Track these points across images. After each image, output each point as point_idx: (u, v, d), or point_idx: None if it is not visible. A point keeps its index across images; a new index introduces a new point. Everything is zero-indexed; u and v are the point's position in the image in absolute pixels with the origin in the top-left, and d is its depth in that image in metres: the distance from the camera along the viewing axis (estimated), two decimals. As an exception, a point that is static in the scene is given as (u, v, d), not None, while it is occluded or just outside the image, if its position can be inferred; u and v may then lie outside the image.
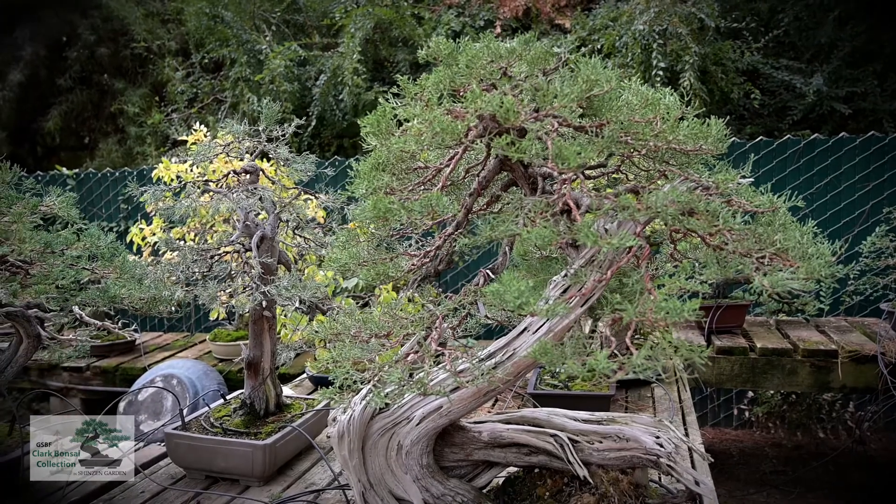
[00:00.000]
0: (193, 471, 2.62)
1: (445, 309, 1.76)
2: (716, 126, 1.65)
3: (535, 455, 1.95)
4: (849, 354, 4.28)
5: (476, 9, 8.16)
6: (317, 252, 3.18)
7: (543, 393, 3.17)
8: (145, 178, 6.78)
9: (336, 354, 1.76)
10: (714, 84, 6.87)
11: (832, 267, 1.46)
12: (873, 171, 5.47)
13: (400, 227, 1.83)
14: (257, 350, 2.78)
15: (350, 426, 1.94)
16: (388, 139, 1.72)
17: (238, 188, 2.79)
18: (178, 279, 3.05)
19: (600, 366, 1.30)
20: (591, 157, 1.54)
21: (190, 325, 6.80)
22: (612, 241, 1.39)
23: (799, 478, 5.05)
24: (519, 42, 1.69)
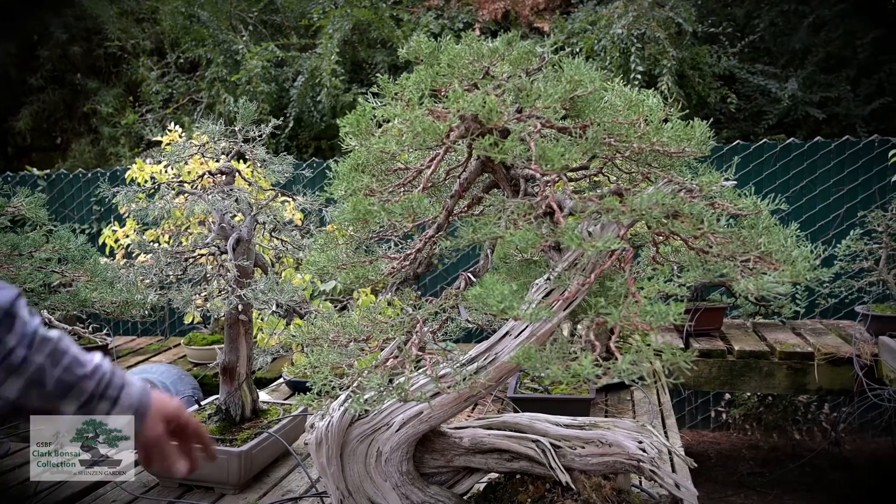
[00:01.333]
0: (166, 479, 2.56)
1: (426, 313, 1.73)
2: (699, 128, 1.64)
3: (516, 461, 1.92)
4: (825, 357, 4.31)
5: (455, 11, 8.15)
6: (294, 255, 3.13)
7: (524, 397, 3.15)
8: (118, 179, 6.67)
9: (314, 359, 1.72)
10: (691, 88, 6.91)
11: (816, 270, 1.45)
12: (848, 175, 5.53)
13: (380, 229, 1.80)
14: (233, 355, 2.72)
15: (328, 433, 1.90)
16: (367, 140, 1.68)
17: (213, 189, 2.74)
18: (151, 282, 2.98)
19: (585, 371, 1.27)
20: (574, 158, 1.51)
21: (164, 329, 6.70)
22: (597, 243, 1.37)
23: (776, 479, 5.08)
24: (501, 42, 1.67)
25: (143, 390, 1.19)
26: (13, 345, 1.05)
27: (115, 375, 1.16)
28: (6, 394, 1.05)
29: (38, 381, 1.07)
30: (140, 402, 1.17)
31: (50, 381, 1.08)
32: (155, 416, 1.20)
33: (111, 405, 1.14)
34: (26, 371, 1.06)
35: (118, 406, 1.15)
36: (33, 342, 1.07)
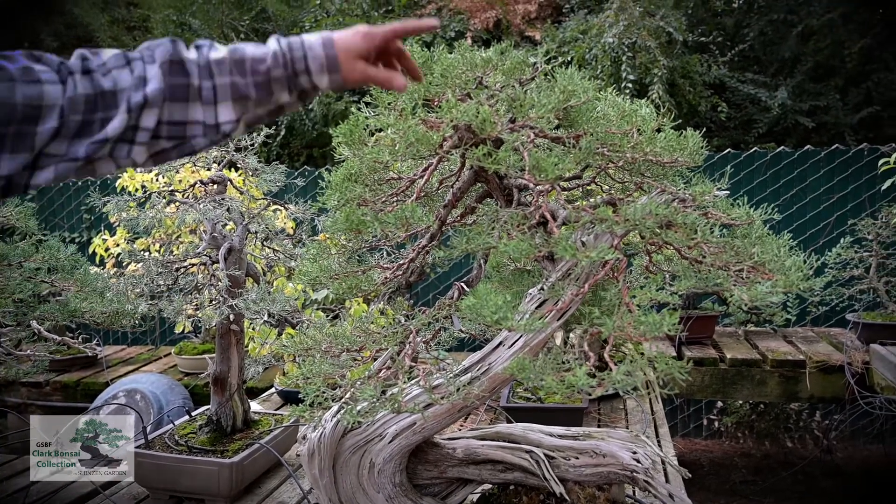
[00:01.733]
0: (157, 490, 2.54)
1: (419, 323, 1.72)
2: (692, 138, 1.64)
3: (510, 472, 1.91)
4: (816, 365, 4.32)
5: (447, 20, 8.16)
6: (286, 264, 3.12)
7: (517, 406, 3.14)
8: (109, 188, 6.63)
9: (306, 370, 1.71)
10: (682, 97, 6.94)
11: (809, 279, 1.45)
12: (837, 184, 5.57)
13: (372, 239, 1.79)
14: (224, 365, 2.70)
15: (320, 444, 1.89)
16: (360, 149, 1.68)
17: (205, 198, 2.73)
18: (142, 292, 2.96)
19: (580, 382, 1.27)
20: (568, 168, 1.51)
21: (154, 339, 6.65)
22: (591, 254, 1.36)
23: (769, 487, 5.08)
24: (494, 51, 1.67)
25: (325, 41, 1.14)
26: (199, 83, 1.07)
27: (292, 49, 1.12)
28: (224, 118, 1.09)
29: (243, 95, 1.09)
30: (327, 57, 1.13)
31: (251, 89, 1.09)
32: (347, 61, 1.15)
33: (308, 76, 1.12)
34: (226, 93, 1.08)
35: (314, 74, 1.12)
36: (212, 69, 1.08)
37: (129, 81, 1.04)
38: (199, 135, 1.09)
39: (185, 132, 1.08)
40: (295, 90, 1.13)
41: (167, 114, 1.06)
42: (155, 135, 1.06)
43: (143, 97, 1.03)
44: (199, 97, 1.07)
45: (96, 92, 1.02)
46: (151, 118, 1.04)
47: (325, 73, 1.12)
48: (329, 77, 1.13)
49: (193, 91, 1.07)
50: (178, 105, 1.06)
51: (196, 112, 1.07)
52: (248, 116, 1.11)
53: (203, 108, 1.08)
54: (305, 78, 1.12)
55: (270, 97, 1.11)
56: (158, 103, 1.04)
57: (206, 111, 1.08)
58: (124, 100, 1.03)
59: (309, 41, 1.12)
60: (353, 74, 1.15)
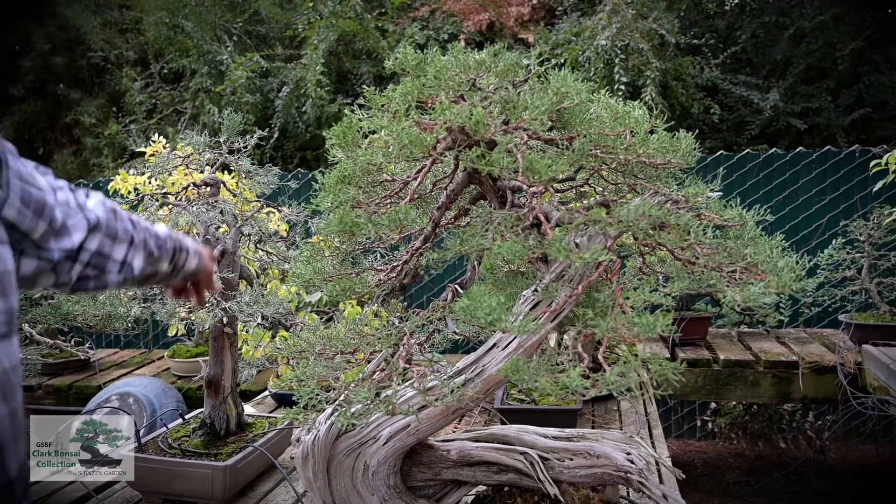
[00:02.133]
0: (150, 494, 2.53)
1: (413, 325, 1.72)
2: (685, 140, 1.65)
3: (504, 473, 1.91)
4: (809, 365, 4.34)
5: (440, 22, 8.17)
6: (279, 266, 3.11)
7: (511, 408, 3.14)
8: (102, 191, 6.60)
9: (300, 372, 1.71)
10: (675, 99, 6.97)
11: (802, 280, 1.46)
12: (829, 185, 5.59)
13: (366, 241, 1.79)
14: (218, 368, 2.70)
15: (314, 447, 1.88)
16: (354, 151, 1.68)
17: (198, 201, 2.72)
18: (134, 295, 2.95)
19: (574, 383, 1.27)
20: (561, 170, 1.51)
21: (147, 342, 6.63)
22: (585, 255, 1.37)
23: (762, 488, 5.09)
24: (488, 53, 1.67)
25: (192, 241, 1.53)
26: (130, 229, 1.28)
27: (177, 235, 1.46)
28: (136, 265, 1.29)
29: (149, 251, 1.34)
30: (196, 247, 1.53)
31: (154, 249, 1.35)
32: (205, 254, 1.58)
33: (186, 253, 1.47)
34: (141, 245, 1.31)
35: (189, 253, 1.49)
36: (135, 223, 1.32)
37: (84, 202, 1.19)
38: (115, 272, 1.25)
39: (105, 265, 1.23)
40: (171, 263, 1.43)
41: (101, 244, 1.21)
42: (89, 260, 1.20)
43: (96, 218, 1.19)
44: (125, 240, 1.27)
45: (69, 203, 1.16)
46: (95, 242, 1.19)
47: (196, 257, 1.52)
48: (196, 260, 1.53)
49: (122, 233, 1.26)
50: (108, 240, 1.23)
51: (119, 251, 1.26)
52: (145, 269, 1.34)
53: (126, 250, 1.27)
54: (184, 255, 1.47)
55: (159, 262, 1.39)
56: (102, 230, 1.21)
57: (128, 253, 1.27)
58: (84, 216, 1.17)
59: (186, 239, 1.50)
60: (209, 264, 1.60)
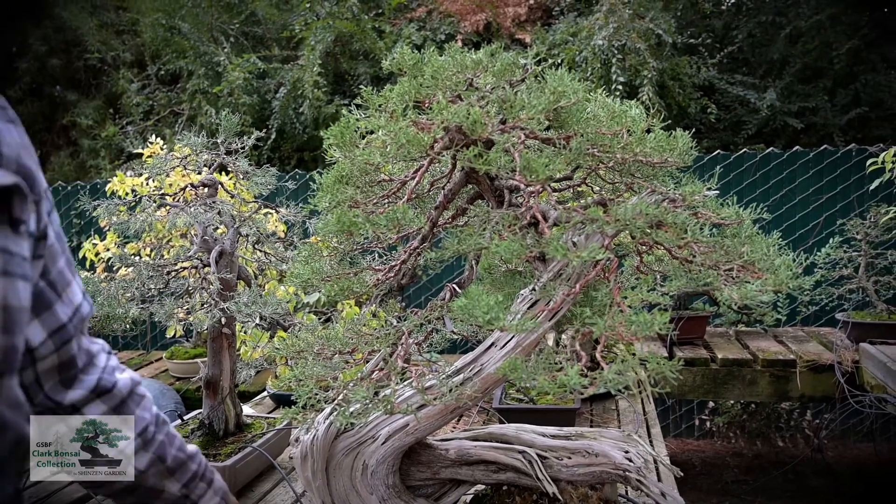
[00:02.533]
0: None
1: (411, 325, 1.73)
2: (682, 139, 1.65)
3: (503, 472, 1.91)
4: (807, 364, 4.35)
5: (437, 23, 8.18)
6: (277, 267, 3.11)
7: (509, 407, 3.14)
8: (99, 192, 6.61)
9: (299, 372, 1.71)
10: (672, 98, 6.98)
11: (798, 278, 1.47)
12: (826, 184, 5.60)
13: (364, 241, 1.79)
14: (216, 368, 2.70)
15: (313, 446, 1.88)
16: (351, 151, 1.68)
17: (196, 202, 2.72)
18: (132, 296, 2.95)
19: (572, 381, 1.27)
20: (558, 169, 1.52)
21: (146, 343, 6.63)
22: (582, 254, 1.37)
23: (760, 487, 5.10)
24: (485, 53, 1.67)
25: (224, 483, 1.36)
26: (148, 420, 1.17)
27: (208, 463, 1.31)
28: (137, 464, 1.15)
29: (161, 456, 1.19)
30: (224, 489, 1.34)
31: (168, 458, 1.20)
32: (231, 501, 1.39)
33: (207, 486, 1.29)
34: (153, 445, 1.17)
35: (212, 488, 1.30)
36: (158, 420, 1.19)
37: (112, 365, 1.17)
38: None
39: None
40: (185, 487, 1.24)
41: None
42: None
43: (111, 385, 1.14)
44: (143, 432, 1.17)
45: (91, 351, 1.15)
46: (95, 410, 1.12)
47: (219, 497, 1.32)
48: (218, 501, 1.32)
49: (141, 423, 1.17)
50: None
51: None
52: (145, 475, 1.18)
53: (139, 441, 1.17)
54: (204, 486, 1.28)
55: (170, 477, 1.21)
56: (109, 403, 1.14)
57: (139, 444, 1.17)
58: (98, 378, 1.13)
59: (217, 475, 1.36)
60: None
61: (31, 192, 0.86)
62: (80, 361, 1.07)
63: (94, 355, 1.12)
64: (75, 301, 1.04)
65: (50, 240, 0.98)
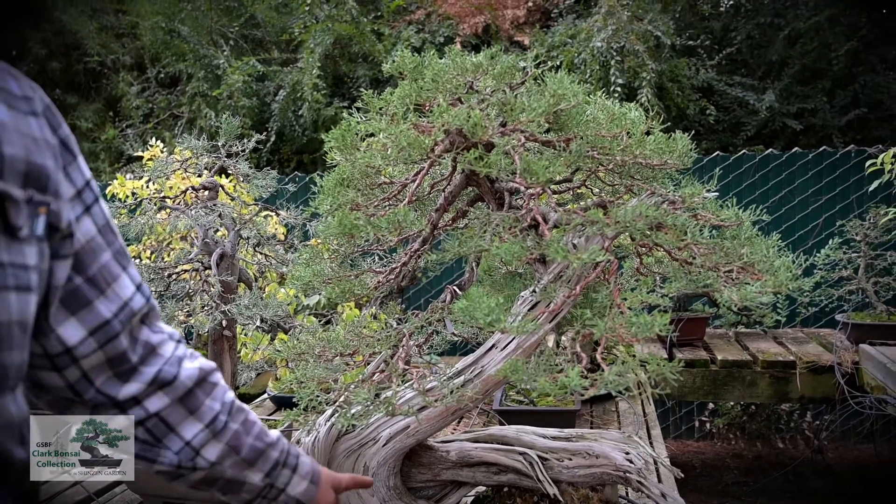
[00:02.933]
0: (150, 497, 2.53)
1: (412, 326, 1.73)
2: (681, 141, 1.66)
3: (504, 474, 1.92)
4: (806, 365, 4.35)
5: (436, 25, 8.19)
6: (278, 269, 3.12)
7: (510, 409, 3.15)
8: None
9: (300, 374, 1.72)
10: (671, 100, 6.99)
11: (798, 280, 1.47)
12: (825, 186, 5.61)
13: (365, 243, 1.80)
14: (217, 371, 2.70)
15: (314, 448, 1.89)
16: (352, 154, 1.69)
17: (197, 205, 2.73)
18: (133, 298, 2.95)
19: (572, 383, 1.28)
20: (558, 171, 1.53)
21: (146, 346, 6.61)
22: (583, 256, 1.38)
23: (760, 488, 5.11)
24: (485, 56, 1.68)
25: (314, 461, 1.28)
26: (218, 410, 1.09)
27: (292, 446, 1.23)
28: (207, 455, 1.08)
29: (235, 446, 1.12)
30: (314, 470, 1.26)
31: (244, 448, 1.13)
32: (326, 483, 1.28)
33: (292, 472, 1.21)
34: (226, 436, 1.10)
35: (297, 473, 1.22)
36: (231, 409, 1.12)
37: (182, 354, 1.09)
38: (174, 451, 1.07)
39: (165, 437, 1.06)
40: (267, 476, 1.17)
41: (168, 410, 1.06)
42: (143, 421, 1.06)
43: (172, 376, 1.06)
44: (212, 422, 1.09)
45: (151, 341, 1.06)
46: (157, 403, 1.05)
47: (307, 480, 1.23)
48: (306, 485, 1.23)
49: (210, 412, 1.09)
50: (180, 409, 1.07)
51: (190, 429, 1.07)
52: (219, 466, 1.11)
53: (198, 430, 1.08)
54: (288, 472, 1.20)
55: (249, 468, 1.14)
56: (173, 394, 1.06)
57: (198, 434, 1.08)
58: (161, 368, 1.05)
59: (304, 457, 1.25)
60: (326, 498, 1.28)
61: (39, 191, 0.82)
62: (136, 355, 1.02)
63: (157, 346, 1.05)
64: (123, 295, 0.99)
65: (86, 235, 0.94)
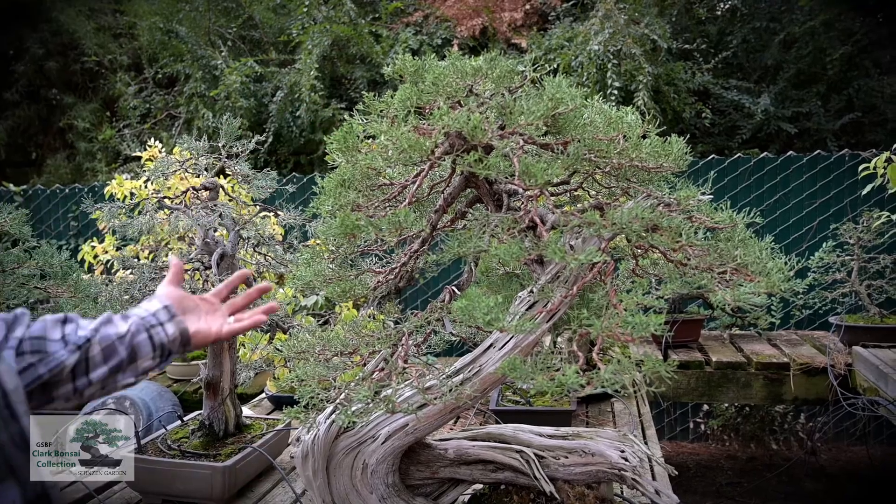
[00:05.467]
0: (150, 495, 2.55)
1: (412, 326, 1.76)
2: (677, 144, 1.69)
3: (501, 472, 1.94)
4: (800, 367, 4.38)
5: (433, 27, 8.22)
6: (276, 270, 3.14)
7: (506, 409, 3.17)
8: (97, 195, 6.62)
9: (301, 373, 1.74)
10: (667, 103, 7.03)
11: (791, 281, 1.50)
12: (820, 189, 5.65)
13: (364, 243, 1.82)
14: (216, 370, 2.72)
15: (314, 446, 1.91)
16: (353, 156, 1.71)
17: (197, 205, 2.75)
18: (132, 297, 2.98)
19: (569, 381, 1.30)
20: (556, 174, 1.55)
21: (142, 345, 6.61)
22: (579, 257, 1.40)
23: (754, 489, 5.14)
24: (484, 60, 1.71)
25: (176, 329, 1.33)
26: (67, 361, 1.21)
27: (136, 335, 1.28)
28: (88, 392, 1.23)
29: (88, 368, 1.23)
30: (174, 339, 1.32)
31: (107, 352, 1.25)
32: (197, 341, 1.37)
33: (153, 357, 1.30)
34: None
35: (155, 356, 1.31)
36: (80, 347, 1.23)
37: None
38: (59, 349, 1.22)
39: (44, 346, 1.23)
40: (114, 371, 1.27)
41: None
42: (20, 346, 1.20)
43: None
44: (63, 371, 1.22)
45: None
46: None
47: (172, 350, 1.33)
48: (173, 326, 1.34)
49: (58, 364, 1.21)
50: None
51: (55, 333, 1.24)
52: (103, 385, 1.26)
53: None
54: (148, 360, 1.31)
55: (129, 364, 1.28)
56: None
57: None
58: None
59: (158, 326, 1.33)
60: (205, 341, 1.39)
61: None
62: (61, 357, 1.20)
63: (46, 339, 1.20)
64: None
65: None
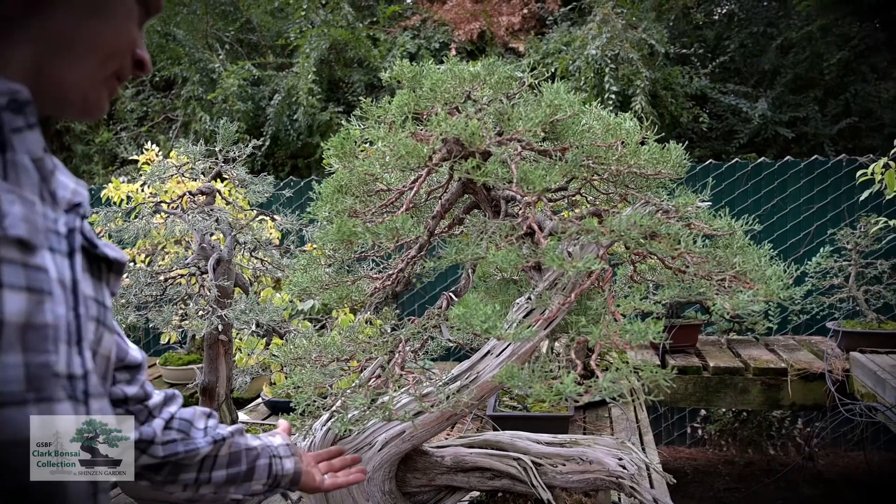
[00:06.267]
0: (145, 501, 2.53)
1: (409, 332, 1.75)
2: (675, 151, 1.68)
3: (498, 479, 1.93)
4: (798, 372, 4.38)
5: (431, 31, 8.22)
6: (272, 274, 3.13)
7: (503, 415, 3.16)
8: (93, 198, 6.60)
9: (297, 379, 1.73)
10: (664, 108, 7.03)
11: (789, 288, 1.50)
12: (817, 194, 5.66)
13: (363, 249, 1.81)
14: (212, 375, 2.71)
15: (310, 453, 1.90)
16: (351, 161, 1.70)
17: (194, 209, 2.74)
18: (128, 301, 2.96)
19: (567, 389, 1.30)
20: (554, 180, 1.55)
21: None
22: (578, 264, 1.40)
23: (751, 494, 5.13)
24: (483, 66, 1.70)
25: (293, 466, 1.44)
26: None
27: (259, 456, 1.39)
28: (202, 490, 1.31)
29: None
30: (287, 474, 1.43)
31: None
32: (303, 485, 1.48)
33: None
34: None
35: (266, 484, 1.40)
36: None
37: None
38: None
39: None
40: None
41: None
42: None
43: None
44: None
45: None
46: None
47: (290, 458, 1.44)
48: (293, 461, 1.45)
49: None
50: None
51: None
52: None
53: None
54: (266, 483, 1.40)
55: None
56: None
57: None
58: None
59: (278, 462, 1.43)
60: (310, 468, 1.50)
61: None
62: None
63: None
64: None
65: None
